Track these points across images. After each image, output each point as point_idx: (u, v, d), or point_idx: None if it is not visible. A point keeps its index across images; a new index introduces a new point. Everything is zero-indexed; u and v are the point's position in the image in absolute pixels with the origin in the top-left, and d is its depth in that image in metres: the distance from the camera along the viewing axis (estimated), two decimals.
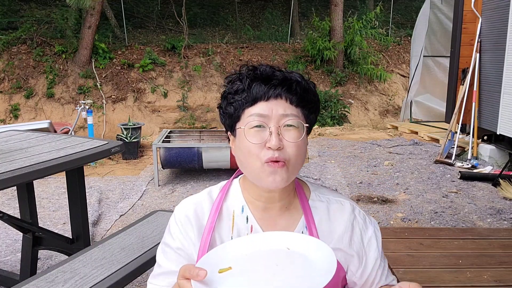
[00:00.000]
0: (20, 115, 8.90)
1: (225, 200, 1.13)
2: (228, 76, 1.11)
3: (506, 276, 1.81)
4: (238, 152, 1.06)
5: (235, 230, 1.10)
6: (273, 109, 1.01)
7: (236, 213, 1.11)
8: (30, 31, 10.03)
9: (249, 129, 1.01)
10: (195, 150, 5.06)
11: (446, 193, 4.65)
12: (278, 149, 1.00)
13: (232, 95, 1.05)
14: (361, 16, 10.91)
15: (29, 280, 1.89)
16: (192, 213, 1.11)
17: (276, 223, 1.10)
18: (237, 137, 1.06)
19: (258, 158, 1.01)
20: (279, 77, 1.03)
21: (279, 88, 1.02)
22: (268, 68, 1.05)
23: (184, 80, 10.00)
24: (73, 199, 2.73)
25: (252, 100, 1.02)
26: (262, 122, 1.01)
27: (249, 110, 1.03)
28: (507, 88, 5.20)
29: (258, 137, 1.01)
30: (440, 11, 7.79)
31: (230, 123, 1.07)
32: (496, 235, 2.25)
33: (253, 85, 1.02)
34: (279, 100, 1.02)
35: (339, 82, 10.53)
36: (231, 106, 1.05)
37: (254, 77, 1.03)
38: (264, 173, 1.01)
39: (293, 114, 1.02)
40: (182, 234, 1.10)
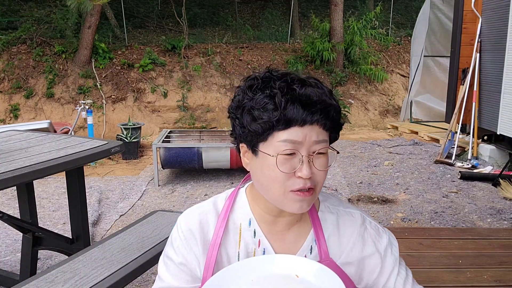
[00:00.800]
0: (20, 115, 8.89)
1: (231, 212, 1.07)
2: (248, 80, 0.99)
3: (506, 276, 1.81)
4: (259, 174, 0.98)
5: (242, 244, 1.05)
6: (307, 135, 0.92)
7: (243, 227, 1.05)
8: (30, 31, 10.03)
9: (280, 156, 0.92)
10: (195, 150, 5.06)
11: (446, 193, 4.65)
12: (309, 178, 0.93)
13: (260, 111, 0.92)
14: (361, 16, 10.91)
15: (29, 280, 1.89)
16: (196, 226, 1.05)
17: (284, 237, 1.06)
18: (260, 159, 0.96)
19: (284, 186, 0.94)
20: (318, 100, 0.92)
21: (317, 114, 0.92)
22: (305, 89, 0.92)
23: (184, 80, 9.99)
24: (73, 199, 2.73)
25: (286, 123, 0.91)
26: (294, 150, 0.92)
27: (280, 134, 0.92)
28: (507, 88, 5.20)
29: (288, 166, 0.93)
30: (440, 11, 7.78)
31: (252, 140, 0.96)
32: (496, 235, 2.25)
33: (289, 106, 0.91)
34: (314, 126, 0.93)
35: (339, 82, 10.52)
36: (257, 125, 0.93)
37: (291, 98, 0.91)
38: (290, 200, 0.95)
39: (324, 140, 0.95)
40: (186, 249, 1.04)
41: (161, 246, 2.21)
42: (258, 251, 1.04)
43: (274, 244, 1.05)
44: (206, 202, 1.10)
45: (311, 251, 1.05)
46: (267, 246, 1.04)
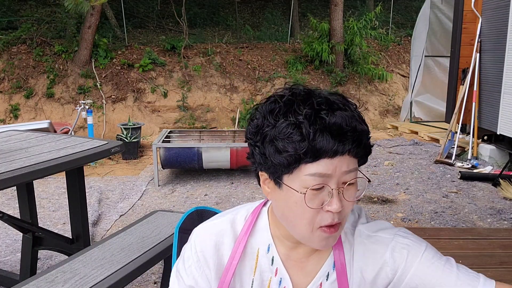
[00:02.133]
0: (20, 115, 8.89)
1: (250, 236, 0.98)
2: (268, 103, 0.88)
3: (506, 276, 1.81)
4: (284, 207, 0.89)
5: (257, 272, 0.98)
6: (337, 167, 0.83)
7: (260, 253, 0.98)
8: (30, 31, 10.03)
9: (309, 190, 0.84)
10: (195, 150, 5.06)
11: (446, 193, 4.65)
12: (339, 212, 0.85)
13: (285, 143, 0.82)
14: (361, 16, 10.91)
15: (29, 280, 1.89)
16: (211, 248, 0.97)
17: (303, 265, 0.98)
18: (283, 191, 0.87)
19: (311, 222, 0.86)
20: (350, 129, 0.83)
21: (349, 144, 0.83)
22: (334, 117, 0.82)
23: (184, 80, 9.99)
24: (73, 199, 2.73)
25: (315, 156, 0.81)
26: (324, 184, 0.84)
27: (307, 167, 0.83)
28: (507, 88, 5.20)
29: (316, 201, 0.84)
30: (440, 11, 7.78)
31: (275, 172, 0.87)
32: (496, 235, 2.25)
33: (317, 138, 0.81)
34: (345, 156, 0.83)
35: (339, 82, 10.53)
36: (282, 158, 0.83)
37: (321, 128, 0.81)
38: (317, 238, 0.88)
39: (354, 168, 0.86)
40: (198, 271, 0.98)
41: (161, 246, 2.21)
42: (274, 280, 0.97)
43: (291, 273, 0.97)
44: (224, 219, 1.01)
45: (327, 278, 0.97)
46: (284, 275, 0.97)
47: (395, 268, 0.92)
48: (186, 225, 1.23)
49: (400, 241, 0.93)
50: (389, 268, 0.93)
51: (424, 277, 0.90)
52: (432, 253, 0.93)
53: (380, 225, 0.97)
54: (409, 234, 0.95)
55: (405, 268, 0.91)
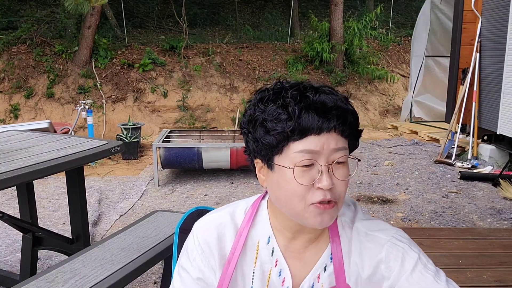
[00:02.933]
0: (20, 115, 8.89)
1: (251, 228, 1.01)
2: (259, 93, 0.95)
3: (506, 276, 1.81)
4: (277, 189, 0.93)
5: (258, 263, 1.00)
6: (325, 144, 0.87)
7: (261, 244, 1.01)
8: (30, 31, 10.03)
9: (297, 167, 0.88)
10: (195, 150, 5.06)
11: (446, 193, 4.65)
12: (330, 189, 0.89)
13: (273, 123, 0.88)
14: (361, 16, 10.91)
15: (29, 280, 1.89)
16: (214, 239, 1.00)
17: (301, 256, 1.01)
18: (276, 173, 0.92)
19: (303, 199, 0.89)
20: (333, 106, 0.88)
21: (334, 121, 0.87)
22: (319, 95, 0.88)
23: (184, 80, 9.99)
24: (73, 199, 2.73)
25: (301, 132, 0.87)
26: (312, 160, 0.88)
27: (296, 144, 0.87)
28: (507, 88, 5.20)
29: (307, 178, 0.88)
30: (440, 11, 7.78)
31: (266, 154, 0.92)
32: (496, 235, 2.25)
33: (303, 115, 0.86)
34: (331, 133, 0.88)
35: (339, 82, 10.52)
36: (271, 136, 0.88)
37: (305, 105, 0.87)
38: (310, 214, 0.90)
39: (344, 147, 0.90)
40: (203, 262, 1.00)
41: (161, 246, 2.21)
42: (274, 271, 1.00)
43: (291, 264, 1.00)
44: (224, 212, 1.04)
45: (325, 269, 0.99)
46: (283, 266, 1.00)
47: (389, 269, 0.94)
48: (187, 225, 1.23)
49: (396, 243, 0.96)
50: (383, 267, 0.95)
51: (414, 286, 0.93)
52: (424, 262, 0.96)
53: (378, 225, 1.00)
54: (404, 238, 0.98)
55: (399, 272, 0.94)
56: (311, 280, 0.99)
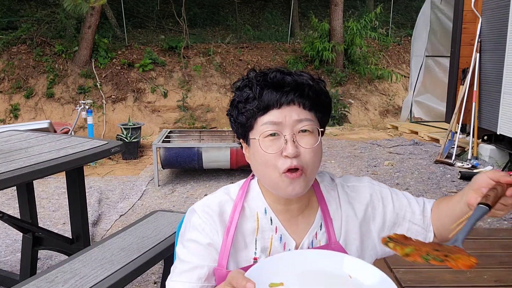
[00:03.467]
0: (20, 115, 8.89)
1: (246, 200, 1.11)
2: (236, 82, 1.08)
3: (506, 276, 1.81)
4: (254, 161, 1.05)
5: (259, 232, 1.09)
6: (287, 116, 0.99)
7: (260, 215, 1.10)
8: (30, 31, 10.03)
9: (264, 139, 1.00)
10: (195, 150, 5.06)
11: (446, 193, 4.65)
12: (295, 157, 0.98)
13: (243, 104, 1.02)
14: (361, 16, 10.91)
15: (29, 280, 1.89)
16: (216, 214, 1.09)
17: (298, 222, 1.11)
18: (251, 147, 1.05)
19: (276, 168, 1.00)
20: (290, 82, 1.00)
21: (292, 94, 1.00)
22: (279, 74, 1.02)
23: (184, 80, 9.99)
24: (73, 199, 2.73)
25: (264, 108, 1.00)
26: (276, 130, 0.99)
27: (261, 118, 1.00)
28: (507, 88, 5.20)
29: (273, 147, 1.00)
30: (440, 11, 7.78)
31: (243, 132, 1.05)
32: (496, 235, 2.25)
33: (264, 93, 1.00)
34: (292, 106, 1.00)
35: (339, 82, 10.53)
36: (242, 115, 1.02)
37: (265, 84, 1.00)
38: (283, 183, 1.00)
39: (307, 118, 1.01)
40: (211, 230, 1.08)
41: (161, 246, 2.21)
42: (275, 237, 1.09)
43: (290, 230, 1.10)
44: (220, 193, 1.14)
45: (321, 227, 1.11)
46: (283, 232, 1.09)
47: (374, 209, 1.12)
48: None
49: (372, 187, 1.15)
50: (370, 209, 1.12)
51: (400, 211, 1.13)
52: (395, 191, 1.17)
53: (351, 178, 1.19)
54: (374, 180, 1.19)
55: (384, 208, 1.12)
56: (310, 238, 1.10)
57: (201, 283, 1.06)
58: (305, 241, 1.10)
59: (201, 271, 1.07)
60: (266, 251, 1.08)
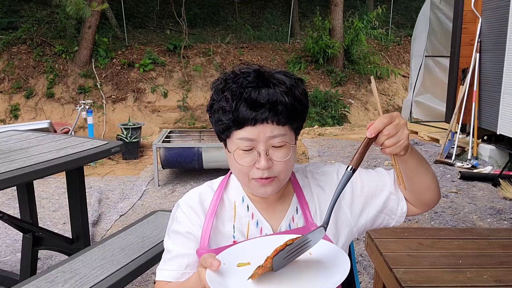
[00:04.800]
0: (20, 115, 8.90)
1: (225, 191, 1.19)
2: (216, 81, 1.10)
3: (506, 276, 1.81)
4: (230, 164, 1.12)
5: (237, 218, 1.16)
6: (261, 133, 1.03)
7: (237, 203, 1.17)
8: (30, 31, 10.03)
9: (239, 151, 1.05)
10: (195, 150, 5.06)
11: (446, 193, 4.65)
12: (267, 169, 1.04)
13: (220, 114, 1.05)
14: (361, 16, 10.92)
15: (29, 280, 1.89)
16: (196, 202, 1.18)
17: (274, 209, 1.17)
18: (228, 152, 1.11)
19: (247, 175, 1.07)
20: (264, 103, 1.01)
21: (266, 113, 1.02)
22: (254, 92, 1.02)
23: (184, 80, 10.00)
24: (73, 199, 2.73)
25: (239, 123, 1.03)
26: (251, 146, 1.04)
27: (237, 132, 1.04)
28: (507, 88, 5.20)
29: (247, 159, 1.05)
30: (440, 11, 7.78)
31: (220, 137, 1.11)
32: (496, 235, 2.25)
33: (240, 109, 1.02)
34: (265, 124, 1.03)
35: (339, 82, 10.53)
36: (219, 125, 1.07)
37: (239, 100, 1.02)
38: (254, 187, 1.08)
39: (280, 134, 1.04)
40: (190, 219, 1.15)
41: (161, 246, 2.20)
42: (251, 222, 1.16)
43: (266, 216, 1.16)
44: (204, 185, 1.24)
45: (297, 211, 1.17)
46: (259, 217, 1.16)
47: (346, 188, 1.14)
48: None
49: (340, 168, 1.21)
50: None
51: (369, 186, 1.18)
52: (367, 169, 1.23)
53: (320, 164, 1.25)
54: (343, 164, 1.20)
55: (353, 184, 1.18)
56: (287, 222, 1.16)
57: (182, 269, 1.14)
58: (282, 224, 1.16)
59: (183, 259, 1.15)
60: (245, 236, 1.15)
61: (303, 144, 6.91)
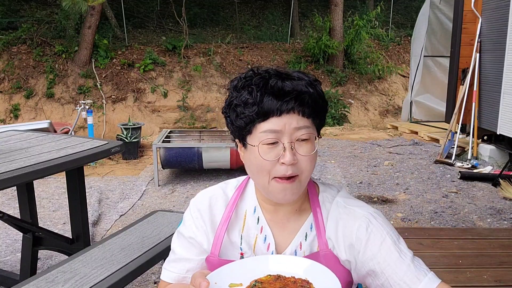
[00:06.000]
0: (20, 115, 8.90)
1: (240, 201, 1.14)
2: (233, 81, 1.06)
3: (506, 276, 1.81)
4: (249, 163, 1.05)
5: (245, 229, 1.12)
6: (286, 124, 0.99)
7: (248, 213, 1.13)
8: (30, 31, 10.03)
9: (262, 145, 1.00)
10: (195, 150, 5.06)
11: (446, 193, 4.65)
12: (292, 164, 0.99)
13: (241, 107, 1.00)
14: (361, 16, 10.91)
15: (29, 280, 1.89)
16: (206, 207, 1.14)
17: (284, 226, 1.11)
18: (248, 150, 1.04)
19: (269, 173, 1.00)
20: (291, 91, 0.98)
21: (292, 102, 0.98)
22: (279, 81, 0.99)
23: (184, 80, 10.00)
24: (73, 199, 2.73)
25: (264, 115, 0.98)
26: (276, 138, 0.99)
27: (261, 125, 0.99)
28: (507, 88, 5.20)
29: (272, 154, 0.99)
30: (440, 11, 7.78)
31: (240, 134, 1.05)
32: (496, 235, 2.25)
33: (265, 99, 0.98)
34: (291, 114, 0.99)
35: (339, 82, 10.53)
36: (241, 120, 1.01)
37: (265, 90, 0.99)
38: (275, 189, 1.02)
39: (306, 126, 1.01)
40: (196, 226, 1.13)
41: (161, 246, 2.21)
42: (260, 237, 1.11)
43: (275, 231, 1.10)
44: (217, 187, 1.18)
45: (306, 238, 1.09)
46: (268, 233, 1.10)
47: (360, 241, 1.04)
48: None
49: (370, 219, 1.06)
50: (355, 239, 1.04)
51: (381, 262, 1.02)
52: (394, 240, 1.04)
53: (358, 203, 1.11)
54: (380, 217, 1.07)
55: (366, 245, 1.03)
56: (293, 247, 1.09)
57: (183, 274, 1.13)
58: (288, 250, 1.09)
59: (185, 264, 1.14)
60: (251, 249, 1.11)
61: None
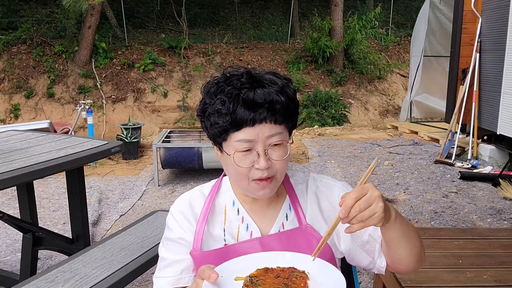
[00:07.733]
0: (20, 115, 8.90)
1: (217, 196, 1.19)
2: (206, 85, 1.09)
3: (506, 276, 1.81)
4: (227, 168, 1.11)
5: (227, 222, 1.17)
6: (259, 133, 1.03)
7: (227, 207, 1.18)
8: (30, 31, 10.03)
9: (237, 153, 1.04)
10: (195, 150, 5.06)
11: (446, 193, 4.65)
12: (267, 168, 1.04)
13: (215, 117, 1.04)
14: (361, 16, 10.91)
15: (29, 280, 1.89)
16: (187, 208, 1.18)
17: (264, 213, 1.17)
18: (224, 155, 1.09)
19: (247, 177, 1.06)
20: (263, 102, 1.01)
21: (264, 113, 1.02)
22: (251, 93, 1.01)
23: (184, 80, 10.00)
24: (73, 199, 2.73)
25: (237, 125, 1.02)
26: (250, 147, 1.04)
27: (235, 134, 1.03)
28: (507, 88, 5.20)
29: (247, 160, 1.05)
30: (440, 11, 7.78)
31: (215, 141, 1.09)
32: (496, 235, 2.25)
33: (237, 111, 1.01)
34: (264, 123, 1.03)
35: (339, 82, 10.53)
36: (215, 129, 1.05)
37: (237, 102, 1.01)
38: (254, 189, 1.08)
39: (278, 132, 1.05)
40: (180, 225, 1.16)
41: None
42: (242, 226, 1.16)
43: (256, 219, 1.16)
44: (194, 189, 1.23)
45: (287, 218, 1.17)
46: (249, 221, 1.16)
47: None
48: None
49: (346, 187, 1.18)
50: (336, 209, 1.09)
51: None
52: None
53: (329, 178, 1.23)
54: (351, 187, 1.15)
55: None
56: (276, 228, 1.16)
57: (178, 275, 1.16)
58: (272, 230, 1.16)
59: (178, 265, 1.16)
60: (235, 238, 1.16)
61: (303, 144, 6.91)
